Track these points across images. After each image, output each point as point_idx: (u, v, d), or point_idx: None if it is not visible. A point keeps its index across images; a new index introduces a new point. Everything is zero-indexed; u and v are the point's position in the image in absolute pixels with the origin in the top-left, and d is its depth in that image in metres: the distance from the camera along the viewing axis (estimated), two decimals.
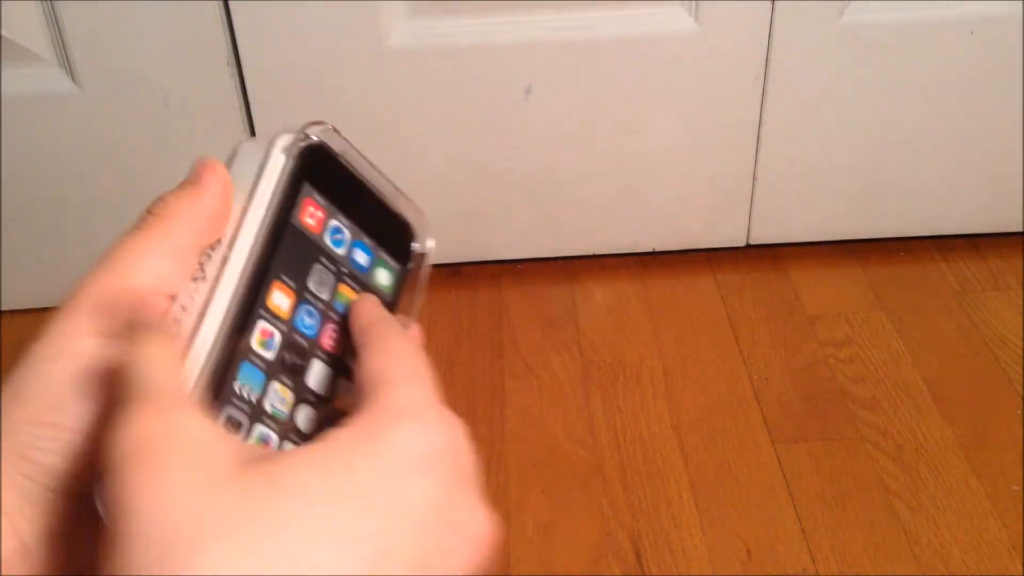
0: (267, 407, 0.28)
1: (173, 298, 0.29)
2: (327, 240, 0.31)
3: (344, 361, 0.30)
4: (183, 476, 0.24)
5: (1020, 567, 0.72)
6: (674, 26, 0.89)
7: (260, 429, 0.28)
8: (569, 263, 1.04)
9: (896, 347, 0.92)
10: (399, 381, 0.28)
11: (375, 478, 0.25)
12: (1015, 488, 0.78)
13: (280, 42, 0.88)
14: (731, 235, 1.03)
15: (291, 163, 0.30)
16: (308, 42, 0.88)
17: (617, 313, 0.98)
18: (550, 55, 0.90)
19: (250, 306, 0.28)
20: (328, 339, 0.30)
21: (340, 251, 0.31)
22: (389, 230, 0.33)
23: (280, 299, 0.29)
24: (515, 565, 0.74)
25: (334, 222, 0.31)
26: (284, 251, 0.29)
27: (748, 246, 1.04)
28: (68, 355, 0.28)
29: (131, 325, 0.28)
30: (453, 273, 1.02)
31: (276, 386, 0.29)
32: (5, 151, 0.91)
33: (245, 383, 0.28)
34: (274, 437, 0.28)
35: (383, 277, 0.33)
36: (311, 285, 0.30)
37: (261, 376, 0.28)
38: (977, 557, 0.73)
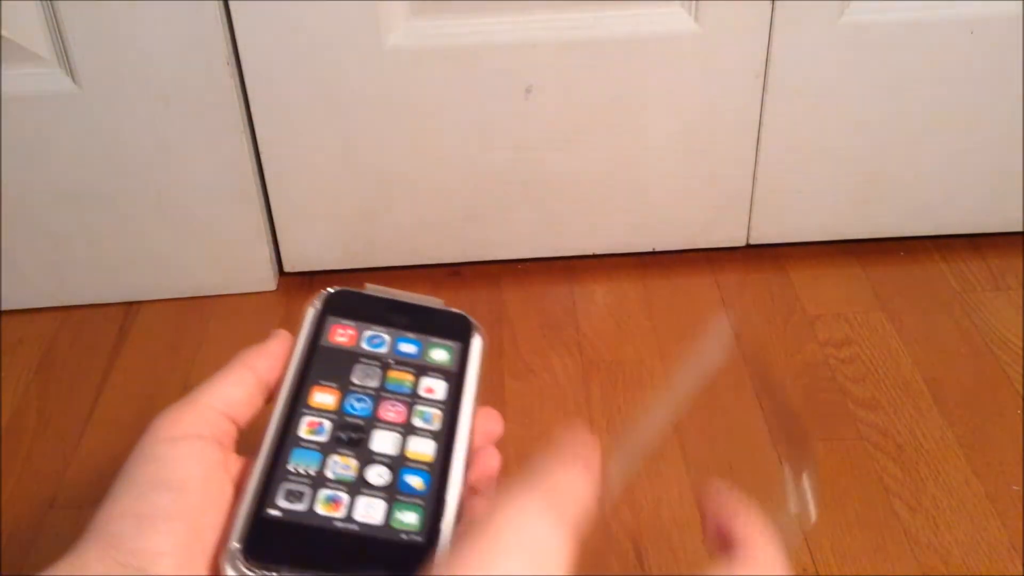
0: (329, 475, 0.34)
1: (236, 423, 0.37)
2: (364, 346, 0.39)
3: (415, 427, 0.36)
4: None
5: (1020, 567, 0.72)
6: (674, 26, 0.89)
7: (325, 492, 0.34)
8: (569, 263, 1.04)
9: (896, 347, 0.92)
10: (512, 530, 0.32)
11: None
12: (1015, 488, 0.78)
13: (280, 42, 0.88)
14: (731, 235, 1.03)
15: (314, 309, 0.39)
16: (308, 42, 0.88)
17: (617, 313, 0.98)
18: (550, 55, 0.90)
19: (292, 410, 0.36)
20: (388, 412, 0.37)
21: (382, 350, 0.38)
22: (438, 323, 0.40)
23: (323, 397, 0.37)
24: None
25: (369, 333, 0.39)
26: (319, 365, 0.37)
27: (748, 246, 1.04)
28: (150, 459, 0.35)
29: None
30: (453, 273, 1.02)
31: (336, 458, 0.35)
32: (5, 151, 0.91)
33: (299, 463, 0.35)
34: (344, 496, 0.34)
35: (440, 355, 0.39)
36: (355, 379, 0.37)
37: (317, 455, 0.35)
38: (977, 557, 0.73)
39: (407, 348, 0.39)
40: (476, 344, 0.40)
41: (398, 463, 0.35)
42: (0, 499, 0.81)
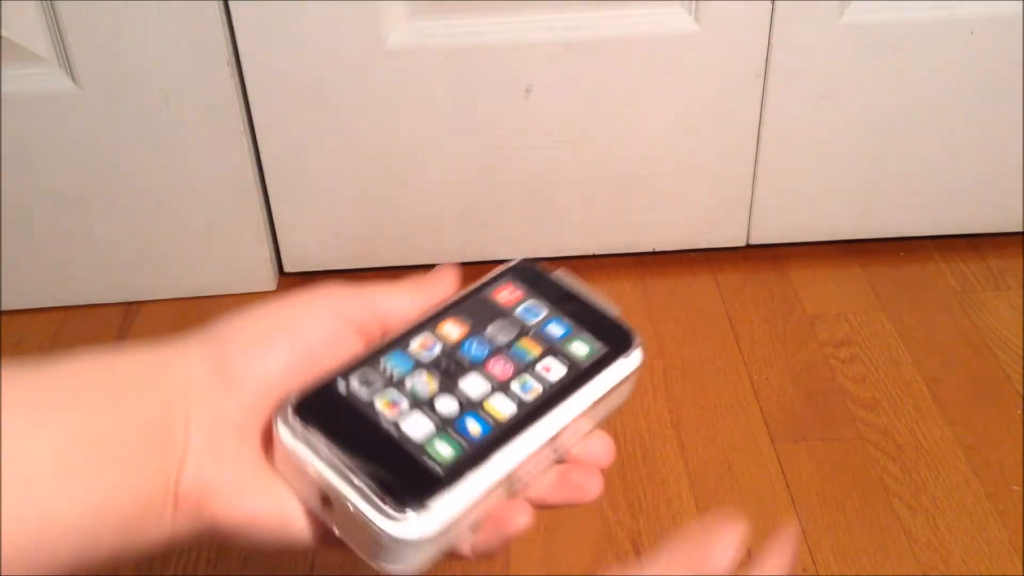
0: (406, 384, 0.35)
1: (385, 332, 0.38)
2: (517, 311, 0.39)
3: (509, 388, 0.36)
4: None
5: (1020, 567, 0.72)
6: (674, 26, 0.89)
7: (391, 393, 0.35)
8: (569, 263, 1.04)
9: (896, 347, 0.92)
10: None
11: None
12: (1015, 488, 0.78)
13: (280, 42, 0.88)
14: (731, 235, 1.03)
15: (503, 269, 0.41)
16: (308, 42, 0.88)
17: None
18: (550, 55, 0.90)
19: (420, 328, 0.38)
20: (495, 366, 0.37)
21: (531, 320, 0.39)
22: (600, 326, 0.39)
23: (450, 328, 0.38)
24: (515, 565, 0.74)
25: (531, 303, 0.39)
26: (468, 307, 0.39)
27: (748, 246, 1.04)
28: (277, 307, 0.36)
29: None
30: None
31: (422, 375, 0.36)
32: (5, 151, 0.91)
33: (391, 364, 0.36)
34: (404, 402, 0.35)
35: (580, 348, 0.38)
36: (488, 329, 0.38)
37: (409, 363, 0.36)
38: (977, 557, 0.73)
39: (554, 329, 0.38)
40: (627, 361, 0.37)
41: (470, 406, 0.35)
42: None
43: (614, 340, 0.38)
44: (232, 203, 0.96)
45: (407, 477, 0.32)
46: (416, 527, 0.31)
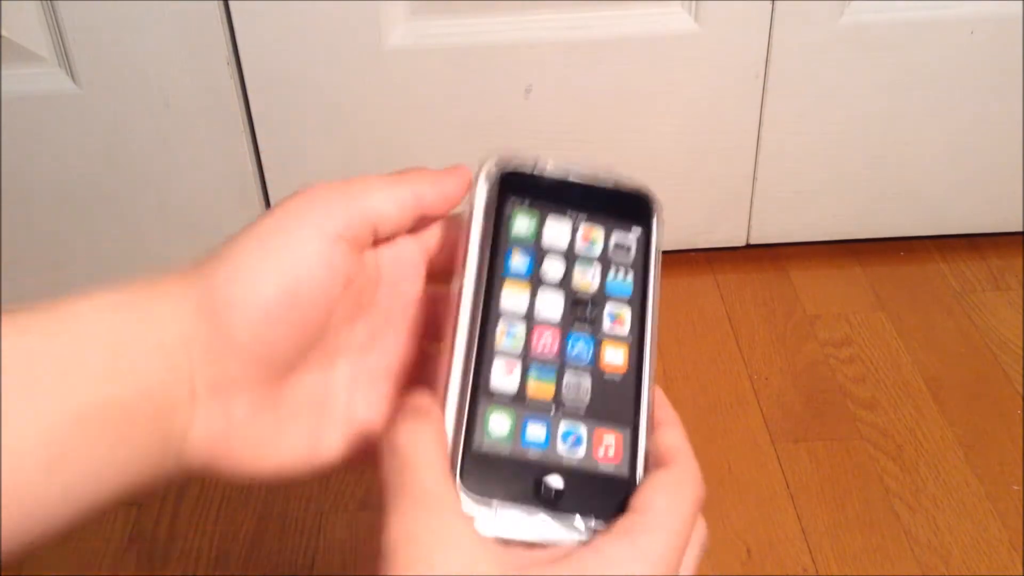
0: (529, 396, 0.33)
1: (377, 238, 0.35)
2: (549, 241, 0.36)
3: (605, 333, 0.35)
4: (449, 562, 0.28)
5: (1020, 567, 0.72)
6: (674, 26, 0.89)
7: (531, 419, 0.33)
8: None
9: (896, 347, 0.92)
10: (664, 511, 0.33)
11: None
12: (1015, 488, 0.78)
13: (280, 42, 0.88)
14: (731, 235, 1.03)
15: (487, 186, 0.36)
16: (308, 42, 0.88)
17: None
18: (550, 55, 0.90)
19: (485, 316, 0.34)
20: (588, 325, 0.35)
21: (566, 247, 0.36)
22: (619, 206, 0.37)
23: (516, 300, 0.35)
24: None
25: (553, 225, 0.36)
26: (504, 258, 0.35)
27: (748, 246, 1.04)
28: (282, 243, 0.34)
29: (409, 407, 0.32)
30: None
31: (534, 381, 0.34)
32: (5, 151, 0.91)
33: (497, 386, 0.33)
34: (544, 427, 0.33)
35: (625, 241, 0.37)
36: (553, 282, 0.35)
37: (551, 368, 0.34)
38: (977, 557, 0.73)
39: (591, 237, 0.37)
40: (655, 223, 0.37)
41: (597, 379, 0.34)
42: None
43: (639, 212, 0.37)
44: (232, 203, 0.96)
45: (595, 495, 0.33)
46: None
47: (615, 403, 0.34)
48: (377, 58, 0.89)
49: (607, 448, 0.33)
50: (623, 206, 0.37)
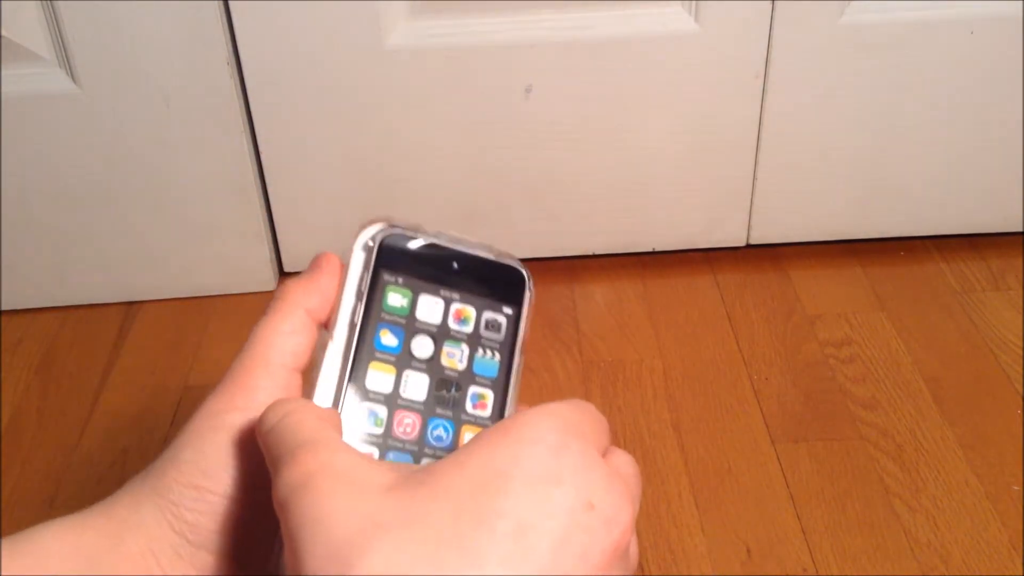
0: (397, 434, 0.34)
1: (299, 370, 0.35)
2: (420, 314, 0.36)
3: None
4: (345, 493, 0.28)
5: (1020, 567, 0.72)
6: (674, 26, 0.89)
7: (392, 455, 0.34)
8: (569, 263, 1.04)
9: (896, 347, 0.92)
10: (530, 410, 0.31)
11: (511, 464, 0.28)
12: (1015, 488, 0.78)
13: (280, 42, 0.88)
14: (731, 235, 1.03)
15: (364, 254, 0.37)
16: (308, 42, 0.88)
17: (617, 313, 0.98)
18: (550, 55, 0.90)
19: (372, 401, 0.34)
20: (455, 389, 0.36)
21: (437, 320, 0.36)
22: (494, 280, 0.38)
23: (380, 381, 0.35)
24: None
25: (425, 297, 0.36)
26: (373, 333, 0.35)
27: (748, 246, 1.04)
28: (219, 428, 0.33)
29: (275, 401, 0.33)
30: None
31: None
32: (5, 151, 0.91)
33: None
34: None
35: (495, 314, 0.37)
36: (415, 352, 0.35)
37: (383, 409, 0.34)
38: (977, 557, 0.73)
39: (462, 315, 0.37)
40: (527, 301, 0.38)
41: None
42: (0, 499, 0.81)
43: (511, 288, 0.38)
44: (232, 203, 0.96)
45: None
46: None
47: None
48: (377, 58, 0.89)
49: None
50: (498, 280, 0.38)
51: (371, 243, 0.37)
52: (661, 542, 0.75)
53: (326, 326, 0.36)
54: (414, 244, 0.38)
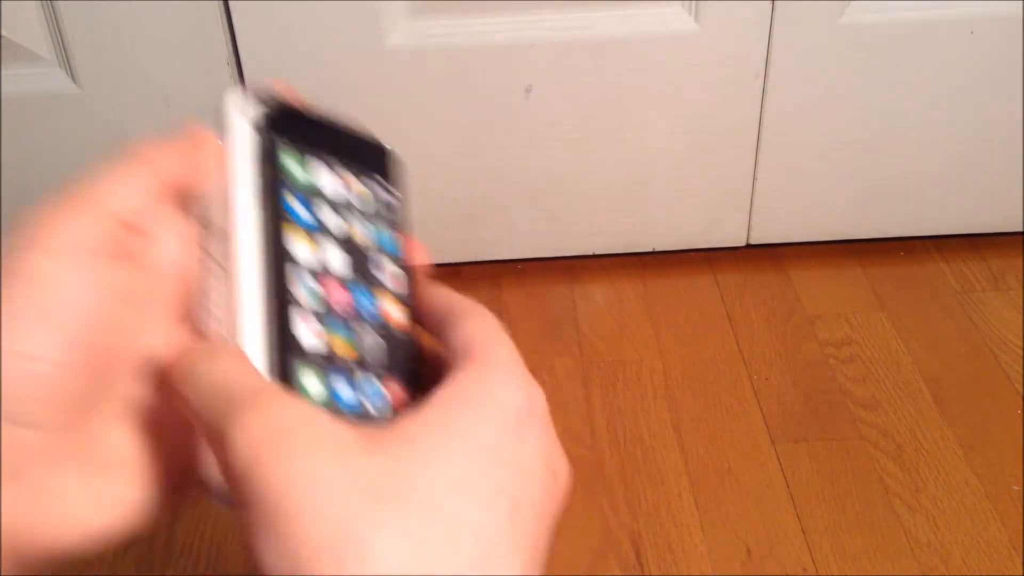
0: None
1: (135, 231, 0.31)
2: (320, 182, 0.34)
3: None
4: (328, 454, 0.25)
5: (1020, 567, 0.72)
6: (674, 26, 0.89)
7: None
8: (569, 263, 1.04)
9: (896, 347, 0.92)
10: (490, 342, 0.30)
11: (495, 436, 0.27)
12: (1015, 488, 0.78)
13: (280, 42, 0.88)
14: (731, 235, 1.03)
15: (248, 125, 0.33)
16: (308, 42, 0.88)
17: (617, 313, 0.98)
18: (550, 55, 0.90)
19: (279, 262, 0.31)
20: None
21: (340, 191, 0.35)
22: (369, 154, 0.38)
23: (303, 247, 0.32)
24: None
25: (325, 171, 0.35)
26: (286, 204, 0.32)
27: (748, 246, 1.04)
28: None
29: (189, 349, 0.29)
30: (453, 273, 1.02)
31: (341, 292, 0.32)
32: (5, 151, 0.91)
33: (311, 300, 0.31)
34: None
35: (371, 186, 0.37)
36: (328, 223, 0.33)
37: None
38: (977, 557, 0.73)
39: (361, 192, 0.37)
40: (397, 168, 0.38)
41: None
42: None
43: (384, 161, 0.39)
44: None
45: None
46: None
47: (405, 359, 0.33)
48: (377, 58, 0.89)
49: (403, 404, 0.32)
50: (377, 158, 0.38)
51: (253, 111, 0.33)
52: (661, 542, 0.75)
53: (203, 224, 0.32)
54: (302, 120, 0.36)
